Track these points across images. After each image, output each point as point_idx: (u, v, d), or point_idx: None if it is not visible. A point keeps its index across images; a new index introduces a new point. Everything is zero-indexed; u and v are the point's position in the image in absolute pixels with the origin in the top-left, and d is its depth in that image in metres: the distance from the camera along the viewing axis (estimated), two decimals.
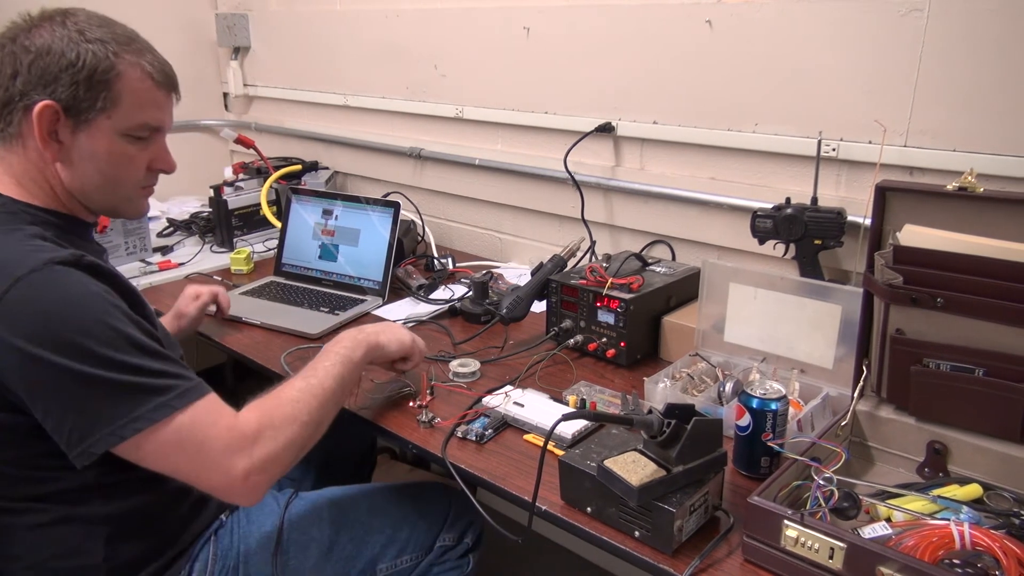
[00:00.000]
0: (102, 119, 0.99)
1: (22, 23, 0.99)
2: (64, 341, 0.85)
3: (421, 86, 2.20)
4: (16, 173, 1.00)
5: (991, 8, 1.24)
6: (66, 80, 0.96)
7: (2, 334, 0.84)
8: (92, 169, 1.02)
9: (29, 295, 0.85)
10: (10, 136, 0.99)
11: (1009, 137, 1.27)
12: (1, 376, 0.87)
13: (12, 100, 0.96)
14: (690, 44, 1.62)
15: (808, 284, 1.29)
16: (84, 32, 0.98)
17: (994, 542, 0.85)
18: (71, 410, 0.87)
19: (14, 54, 0.96)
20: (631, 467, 0.96)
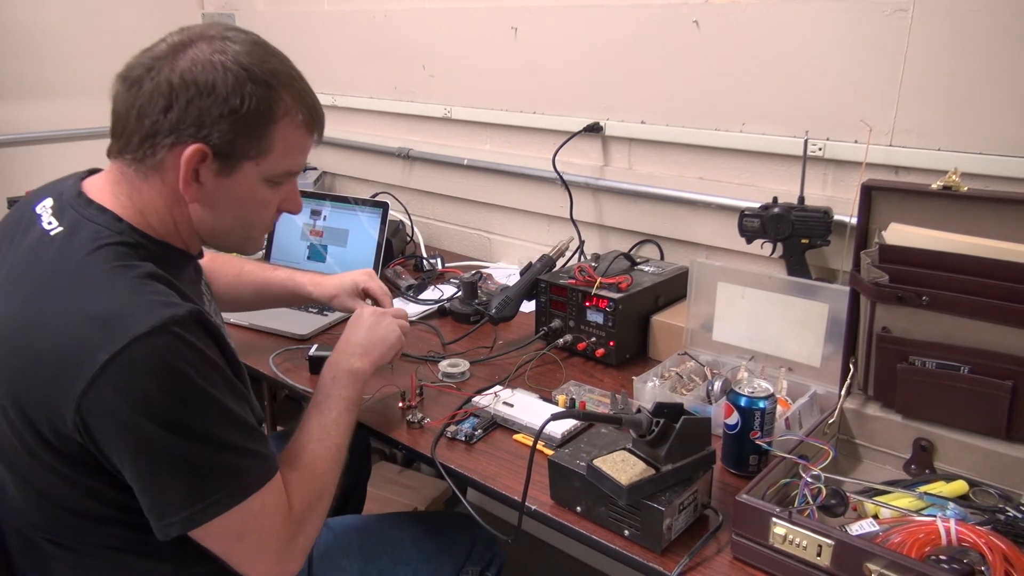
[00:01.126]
0: (249, 165, 0.92)
1: (175, 42, 0.90)
2: (167, 414, 0.80)
3: (409, 86, 2.19)
4: (142, 202, 0.92)
5: (975, 8, 1.25)
6: (224, 127, 0.88)
7: (106, 394, 0.78)
8: (228, 213, 0.96)
9: (143, 359, 0.79)
10: (149, 168, 0.90)
11: (993, 136, 1.28)
12: (94, 446, 0.82)
13: (160, 134, 0.87)
14: (677, 44, 1.62)
15: (795, 283, 1.29)
16: (249, 70, 0.88)
17: (980, 538, 0.85)
18: (155, 486, 0.83)
19: (170, 85, 0.86)
20: (620, 466, 0.96)
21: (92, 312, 0.81)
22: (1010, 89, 1.25)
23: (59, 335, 0.80)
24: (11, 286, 0.88)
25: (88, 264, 0.85)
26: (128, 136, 0.89)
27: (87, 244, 0.86)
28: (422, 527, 1.32)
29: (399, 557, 1.24)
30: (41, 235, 0.90)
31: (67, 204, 0.92)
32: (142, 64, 0.89)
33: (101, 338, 0.78)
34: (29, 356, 0.81)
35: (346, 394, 1.09)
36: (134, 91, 0.88)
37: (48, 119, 2.48)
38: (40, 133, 2.47)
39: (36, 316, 0.83)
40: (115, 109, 0.90)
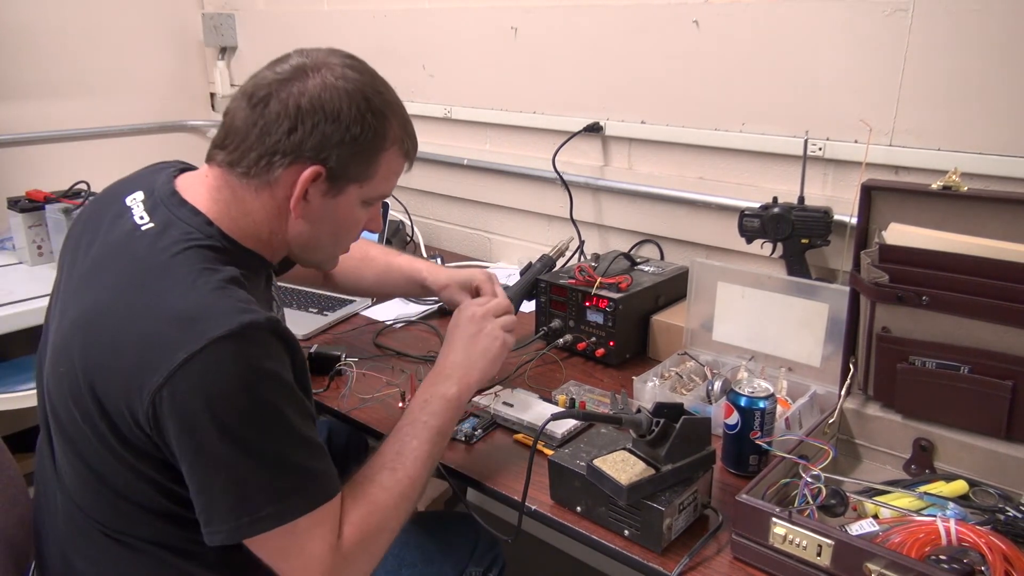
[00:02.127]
0: (354, 188, 0.96)
1: (300, 64, 0.92)
2: (230, 421, 0.80)
3: (409, 86, 2.19)
4: (241, 211, 0.94)
5: (975, 8, 1.25)
6: (343, 152, 0.92)
7: (179, 392, 0.79)
8: (326, 231, 1.00)
9: (217, 362, 0.80)
10: (261, 182, 0.93)
11: (993, 136, 1.28)
12: (161, 442, 0.82)
13: (280, 153, 0.90)
14: (677, 44, 1.62)
15: (795, 283, 1.29)
16: (370, 100, 0.93)
17: (980, 538, 0.85)
18: (207, 491, 0.83)
19: (298, 108, 0.89)
20: (620, 466, 0.96)
21: (175, 310, 0.82)
22: (1010, 89, 1.25)
23: (142, 329, 0.82)
24: (98, 274, 0.90)
25: (176, 263, 0.87)
26: (245, 151, 0.91)
27: (177, 243, 0.88)
28: (424, 527, 1.32)
29: (403, 559, 1.24)
30: (132, 228, 0.91)
31: (160, 201, 0.94)
32: (267, 84, 0.91)
33: (181, 336, 0.80)
34: (112, 345, 0.83)
35: (434, 422, 1.01)
36: (259, 110, 0.90)
37: (48, 119, 2.48)
38: (40, 133, 2.47)
39: (122, 307, 0.85)
40: (232, 124, 0.93)
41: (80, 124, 2.56)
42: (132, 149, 2.69)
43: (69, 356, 0.86)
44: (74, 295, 0.92)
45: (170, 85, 2.78)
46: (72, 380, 0.85)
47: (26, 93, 2.44)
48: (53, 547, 0.99)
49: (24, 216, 1.98)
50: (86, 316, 0.87)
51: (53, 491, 0.97)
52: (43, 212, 1.98)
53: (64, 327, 0.89)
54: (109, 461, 0.87)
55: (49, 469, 0.98)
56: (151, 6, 2.68)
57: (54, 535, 0.98)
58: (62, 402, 0.88)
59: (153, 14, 2.69)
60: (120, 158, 2.65)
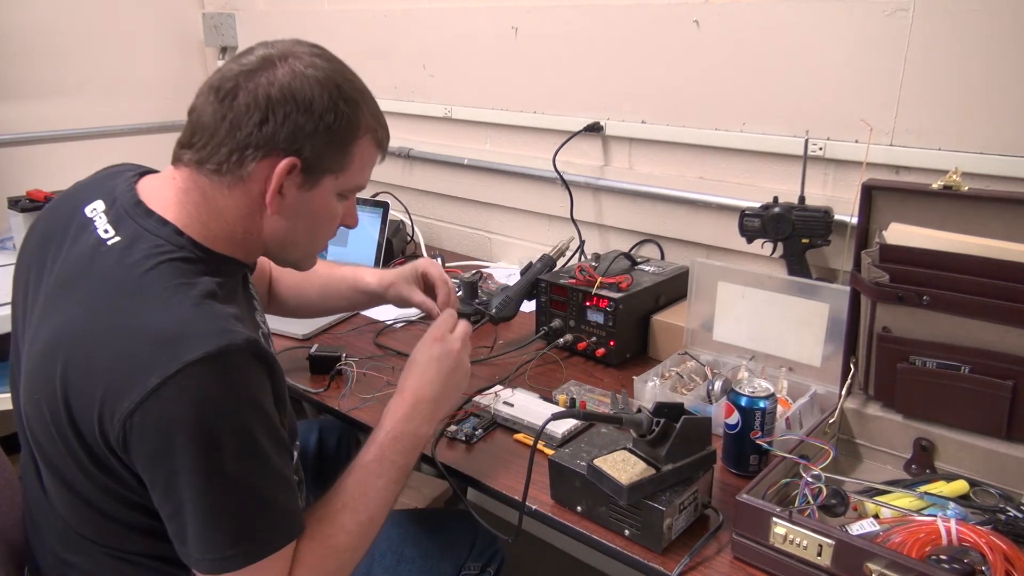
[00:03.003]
0: (329, 179, 0.93)
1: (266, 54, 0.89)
2: (203, 450, 0.78)
3: (410, 86, 2.19)
4: (212, 212, 0.90)
5: (975, 8, 1.25)
6: (318, 141, 0.89)
7: (151, 418, 0.76)
8: (302, 226, 0.96)
9: (193, 387, 0.77)
10: (233, 179, 0.89)
11: (993, 136, 1.28)
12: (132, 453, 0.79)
13: (252, 146, 0.87)
14: (678, 44, 1.62)
15: (796, 283, 1.29)
16: (340, 87, 0.90)
17: (980, 538, 0.85)
18: (174, 520, 0.82)
19: (268, 98, 0.86)
20: (621, 466, 0.96)
21: (150, 331, 0.79)
22: (1011, 89, 1.25)
23: (116, 350, 0.79)
24: (66, 294, 0.86)
25: (148, 281, 0.83)
26: (214, 147, 0.88)
27: (148, 258, 0.85)
28: (423, 525, 1.32)
29: (403, 555, 1.24)
30: (97, 243, 0.87)
31: (124, 212, 0.90)
32: (233, 75, 0.88)
33: (156, 359, 0.77)
34: (86, 368, 0.80)
35: (402, 461, 0.99)
36: (227, 103, 0.87)
37: (48, 119, 2.48)
38: (40, 133, 2.47)
39: (94, 329, 0.81)
40: (199, 120, 0.89)
41: (80, 124, 2.56)
42: (132, 149, 2.68)
43: (44, 381, 0.83)
44: (43, 317, 0.87)
45: (170, 85, 2.78)
46: (51, 405, 0.83)
47: (26, 93, 2.44)
48: (49, 554, 0.98)
49: (24, 216, 1.98)
50: (58, 339, 0.83)
51: (43, 508, 0.96)
52: None
53: (35, 351, 0.86)
54: (91, 486, 0.86)
55: (36, 488, 0.96)
56: (151, 6, 2.68)
57: (48, 544, 0.97)
58: (42, 429, 0.86)
59: (153, 14, 2.69)
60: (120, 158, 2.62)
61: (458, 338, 1.10)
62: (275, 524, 0.84)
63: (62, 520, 0.93)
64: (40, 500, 0.96)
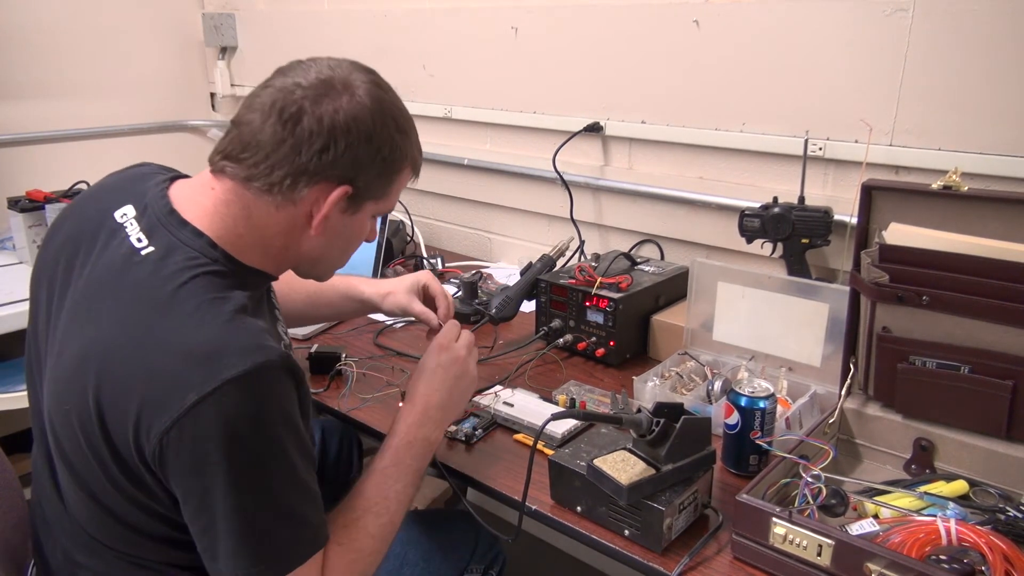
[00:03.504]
0: (371, 205, 0.95)
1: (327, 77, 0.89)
2: (239, 466, 0.79)
3: (409, 86, 2.19)
4: (251, 227, 0.90)
5: (975, 8, 1.25)
6: (373, 171, 0.91)
7: (187, 434, 0.77)
8: (338, 246, 0.98)
9: (230, 404, 0.77)
10: (283, 199, 0.88)
11: (993, 136, 1.28)
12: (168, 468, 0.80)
13: (310, 173, 0.87)
14: (678, 44, 1.62)
15: (795, 283, 1.29)
16: (397, 120, 0.93)
17: (980, 538, 0.85)
18: (210, 532, 0.82)
19: (333, 127, 0.86)
20: (620, 466, 0.96)
21: (186, 347, 0.79)
22: (1010, 89, 1.25)
23: (152, 366, 0.79)
24: (99, 303, 0.86)
25: (183, 295, 0.83)
26: (270, 168, 0.87)
27: (183, 271, 0.84)
28: (425, 526, 1.32)
29: (406, 558, 1.24)
30: (130, 252, 0.86)
31: (157, 221, 0.88)
32: (299, 99, 0.87)
33: (192, 376, 0.77)
34: (120, 382, 0.80)
35: (416, 465, 1.01)
36: (290, 125, 0.86)
37: (48, 119, 2.48)
38: (40, 133, 2.47)
39: (130, 343, 0.81)
40: (253, 137, 0.87)
41: (80, 124, 2.56)
42: (132, 149, 2.69)
43: (77, 393, 0.83)
44: (71, 324, 0.87)
45: (170, 85, 2.78)
46: (82, 417, 0.82)
47: (26, 93, 2.44)
48: (59, 552, 0.98)
49: (24, 216, 1.98)
50: (91, 352, 0.83)
51: (56, 509, 0.95)
52: (43, 212, 1.98)
53: (66, 361, 0.85)
54: (117, 497, 0.86)
55: (50, 490, 0.96)
56: (151, 6, 2.68)
57: (60, 543, 0.97)
58: (70, 437, 0.86)
59: (153, 14, 2.69)
60: (120, 158, 2.63)
61: (463, 346, 1.11)
62: (305, 536, 0.85)
63: (77, 524, 0.93)
64: (53, 501, 0.96)
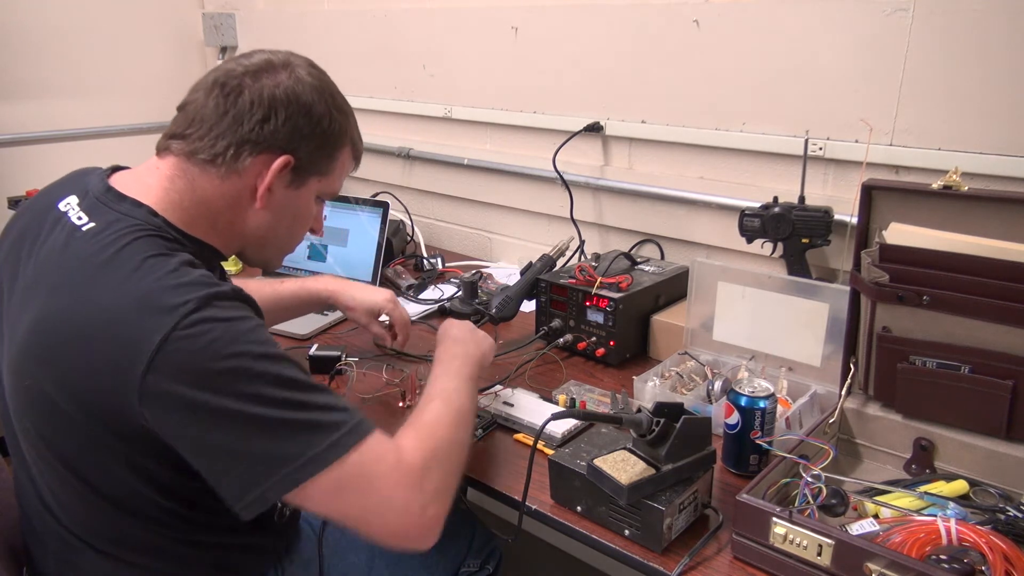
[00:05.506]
0: (313, 181, 0.99)
1: (267, 59, 0.94)
2: (235, 385, 0.78)
3: (410, 86, 2.19)
4: (196, 199, 0.93)
5: (975, 8, 1.25)
6: (313, 143, 0.96)
7: (166, 375, 0.76)
8: (284, 223, 1.01)
9: (197, 335, 0.77)
10: (227, 171, 0.92)
11: (993, 136, 1.28)
12: (161, 430, 0.79)
13: (252, 143, 0.92)
14: (678, 44, 1.62)
15: (796, 282, 1.29)
16: (334, 97, 0.98)
17: (980, 538, 0.85)
18: (238, 459, 0.79)
19: (273, 98, 0.91)
20: (620, 466, 0.96)
21: (138, 295, 0.79)
22: (1010, 89, 1.25)
23: (108, 321, 0.79)
24: (44, 280, 0.86)
25: (126, 253, 0.83)
26: (213, 139, 0.91)
27: (124, 236, 0.85)
28: None
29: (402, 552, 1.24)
30: (72, 230, 0.87)
31: (97, 200, 0.90)
32: (239, 74, 0.92)
33: (152, 319, 0.77)
34: (80, 347, 0.79)
35: (466, 371, 1.07)
36: (231, 99, 0.91)
37: (48, 119, 2.49)
38: (40, 133, 2.47)
39: (79, 306, 0.81)
40: (197, 113, 0.92)
41: (80, 124, 2.56)
42: (132, 149, 2.69)
43: (35, 367, 0.82)
44: (21, 307, 0.87)
45: (170, 85, 2.75)
46: (47, 390, 0.82)
47: (26, 93, 2.44)
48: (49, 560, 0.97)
49: None
50: (42, 325, 0.82)
51: (39, 514, 0.95)
52: None
53: (18, 340, 0.85)
54: (104, 468, 0.85)
55: (32, 496, 0.95)
56: (151, 6, 2.68)
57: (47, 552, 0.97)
58: (41, 418, 0.85)
59: (153, 14, 2.69)
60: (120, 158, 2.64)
61: None
62: (343, 420, 0.83)
63: (61, 524, 0.93)
64: (37, 508, 0.95)
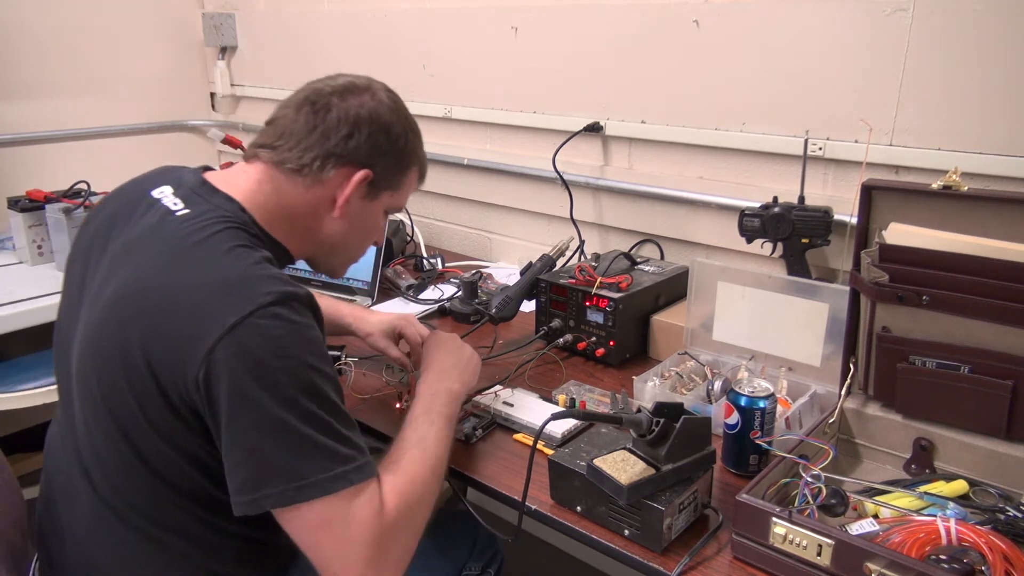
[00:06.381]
0: (386, 196, 1.08)
1: (350, 82, 1.06)
2: (279, 384, 0.83)
3: (409, 86, 2.19)
4: (280, 204, 1.02)
5: (975, 8, 1.25)
6: (390, 160, 1.05)
7: (228, 355, 0.82)
8: (356, 234, 1.10)
9: (266, 327, 0.84)
10: (311, 180, 1.01)
11: (992, 136, 1.28)
12: (211, 393, 0.84)
13: (337, 156, 1.01)
14: (677, 44, 1.62)
15: (795, 282, 1.29)
16: (408, 120, 1.09)
17: (980, 538, 0.85)
18: (252, 455, 0.84)
19: (358, 117, 1.02)
20: (620, 466, 0.96)
21: (223, 278, 0.87)
22: (1010, 89, 1.25)
23: (192, 296, 0.86)
24: (135, 253, 0.93)
25: (216, 240, 0.91)
26: (302, 151, 1.00)
27: (215, 223, 0.93)
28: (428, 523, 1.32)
29: None
30: (166, 213, 0.96)
31: (191, 191, 0.99)
32: (327, 94, 1.03)
33: (230, 302, 0.84)
34: (164, 314, 0.86)
35: (447, 411, 1.07)
36: (320, 115, 1.01)
37: (48, 119, 2.48)
38: (40, 133, 2.47)
39: (168, 278, 0.88)
40: (287, 127, 1.02)
41: (80, 124, 2.56)
42: (132, 149, 2.69)
43: (116, 328, 0.89)
44: (109, 275, 0.94)
45: (170, 85, 2.78)
46: (124, 350, 0.87)
47: (26, 93, 2.44)
48: (71, 540, 0.99)
49: (24, 216, 1.98)
50: (130, 289, 0.90)
51: (77, 482, 0.97)
52: (43, 212, 1.98)
53: (102, 304, 0.92)
54: (152, 437, 0.89)
55: (70, 459, 0.98)
56: (151, 6, 2.68)
57: (74, 527, 0.99)
58: (108, 377, 0.90)
59: (153, 14, 2.69)
60: (120, 158, 2.65)
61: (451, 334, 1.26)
62: (356, 457, 0.88)
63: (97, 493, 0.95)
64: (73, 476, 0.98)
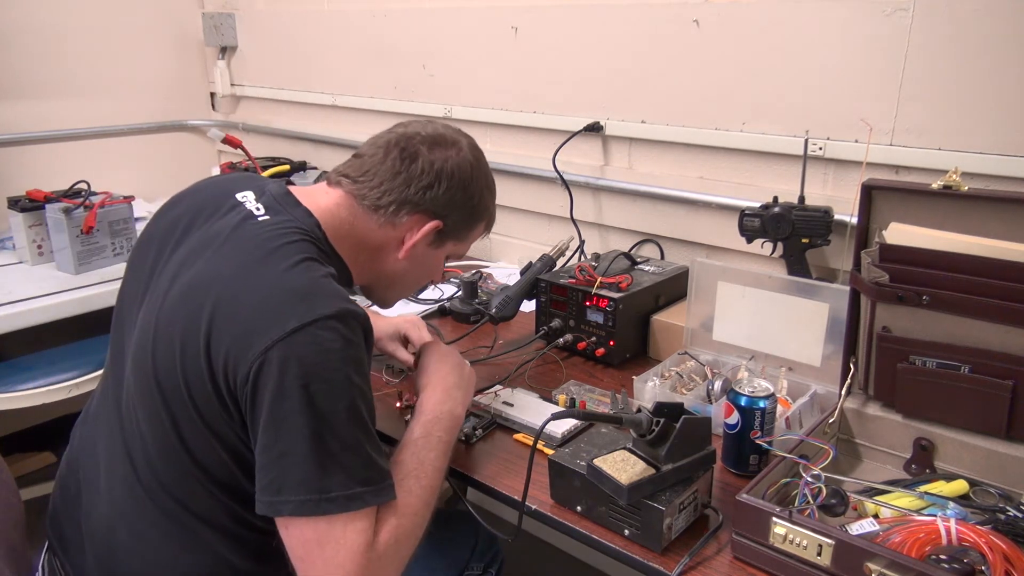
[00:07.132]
0: (451, 244, 1.13)
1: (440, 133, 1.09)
2: (321, 395, 0.86)
3: (409, 86, 2.19)
4: (355, 232, 1.06)
5: (976, 8, 1.25)
6: (462, 214, 1.10)
7: (281, 357, 0.85)
8: (415, 274, 1.15)
9: (321, 339, 0.87)
10: (385, 218, 1.06)
11: (993, 136, 1.28)
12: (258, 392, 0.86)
13: (413, 203, 1.05)
14: (678, 44, 1.62)
15: (796, 282, 1.29)
16: (487, 179, 1.13)
17: (980, 538, 0.85)
18: (280, 460, 0.86)
19: (440, 172, 1.06)
20: (620, 466, 0.96)
21: (290, 284, 0.91)
22: (1010, 89, 1.25)
23: (260, 295, 0.90)
24: (213, 247, 0.97)
25: (290, 250, 0.95)
26: (383, 192, 1.05)
27: (292, 233, 0.98)
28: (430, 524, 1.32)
29: None
30: (247, 215, 1.00)
31: (274, 199, 1.04)
32: (417, 143, 1.07)
33: (294, 308, 0.87)
34: (232, 306, 0.90)
35: (447, 437, 1.06)
36: (407, 163, 1.06)
37: (48, 119, 2.49)
38: (40, 133, 2.47)
39: (242, 275, 0.92)
40: (374, 165, 1.06)
41: (80, 124, 2.56)
42: (132, 149, 2.69)
43: (184, 316, 0.92)
44: (184, 265, 0.98)
45: (170, 85, 2.78)
46: (187, 337, 0.90)
47: (26, 93, 2.44)
48: (97, 520, 1.02)
49: (24, 216, 1.99)
50: (204, 280, 0.93)
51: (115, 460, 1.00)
52: (43, 212, 1.98)
53: (176, 292, 0.95)
54: (196, 422, 0.92)
55: (112, 435, 1.02)
56: (151, 6, 2.68)
57: (103, 508, 1.01)
58: (166, 360, 0.92)
59: (153, 14, 2.69)
60: (120, 158, 2.65)
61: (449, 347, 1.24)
62: (377, 481, 0.90)
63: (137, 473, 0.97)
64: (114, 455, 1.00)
